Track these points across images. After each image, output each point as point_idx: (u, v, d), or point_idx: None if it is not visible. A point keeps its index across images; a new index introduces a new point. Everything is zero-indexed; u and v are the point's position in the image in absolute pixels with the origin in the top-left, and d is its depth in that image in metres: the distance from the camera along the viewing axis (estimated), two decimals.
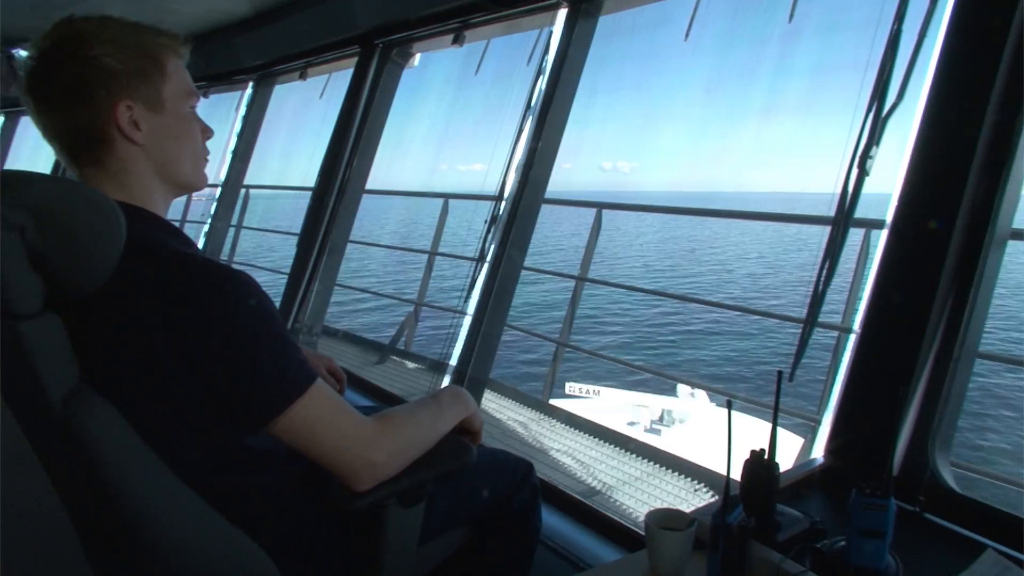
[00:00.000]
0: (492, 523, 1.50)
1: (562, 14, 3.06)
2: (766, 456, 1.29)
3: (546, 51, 3.11)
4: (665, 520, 1.23)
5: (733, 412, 1.25)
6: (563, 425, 3.80)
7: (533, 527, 1.57)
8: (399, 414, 1.22)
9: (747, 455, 1.29)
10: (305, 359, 1.10)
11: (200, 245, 5.34)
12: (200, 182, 1.28)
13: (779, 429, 1.33)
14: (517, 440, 3.62)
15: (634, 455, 3.48)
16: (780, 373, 1.26)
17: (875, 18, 1.98)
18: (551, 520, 2.10)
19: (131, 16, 1.16)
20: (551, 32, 3.12)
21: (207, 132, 1.27)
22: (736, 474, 1.24)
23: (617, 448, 3.57)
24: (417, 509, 1.26)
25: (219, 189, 5.47)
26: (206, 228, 5.57)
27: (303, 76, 4.88)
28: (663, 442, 5.41)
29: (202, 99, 5.60)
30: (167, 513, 1.02)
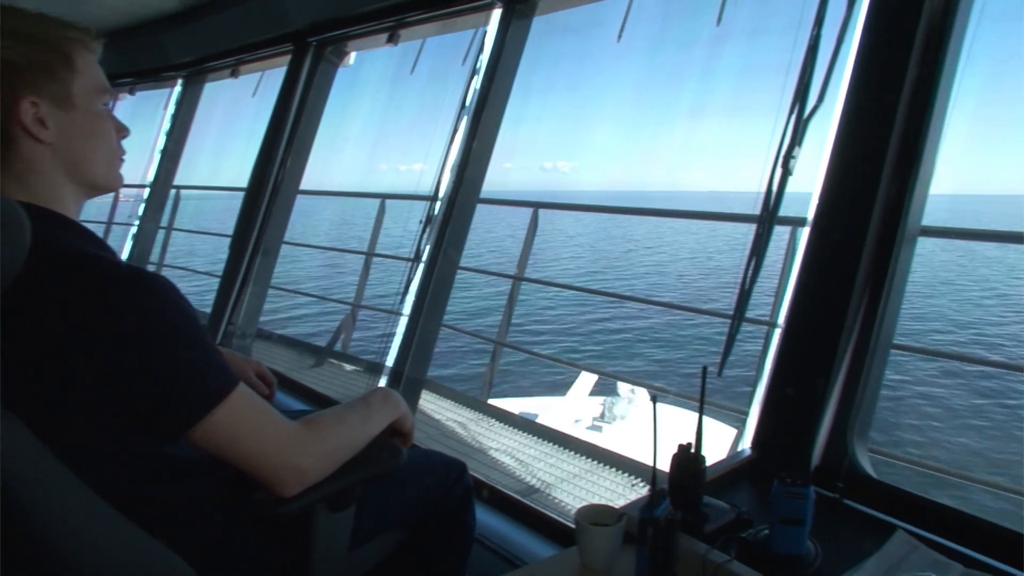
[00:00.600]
0: (425, 524, 1.49)
1: (496, 14, 3.06)
2: (693, 450, 1.31)
3: (481, 50, 3.11)
4: (595, 516, 1.24)
5: (670, 407, 1.28)
6: (502, 424, 3.81)
7: (467, 527, 1.56)
8: (326, 418, 1.20)
9: (675, 449, 1.31)
10: (225, 363, 1.07)
11: (127, 248, 5.15)
12: (115, 182, 1.23)
13: (718, 422, 1.35)
14: (456, 440, 3.61)
15: (573, 452, 3.51)
16: (705, 368, 1.29)
17: (796, 23, 2.04)
18: (488, 519, 2.11)
19: (51, 9, 1.10)
20: (486, 32, 3.12)
21: (122, 131, 1.22)
22: (667, 468, 1.26)
23: (556, 446, 3.60)
24: (347, 513, 1.24)
25: (147, 190, 5.28)
26: (133, 230, 5.37)
27: (235, 74, 4.77)
28: (604, 438, 5.48)
29: (128, 96, 5.41)
30: (81, 529, 0.98)
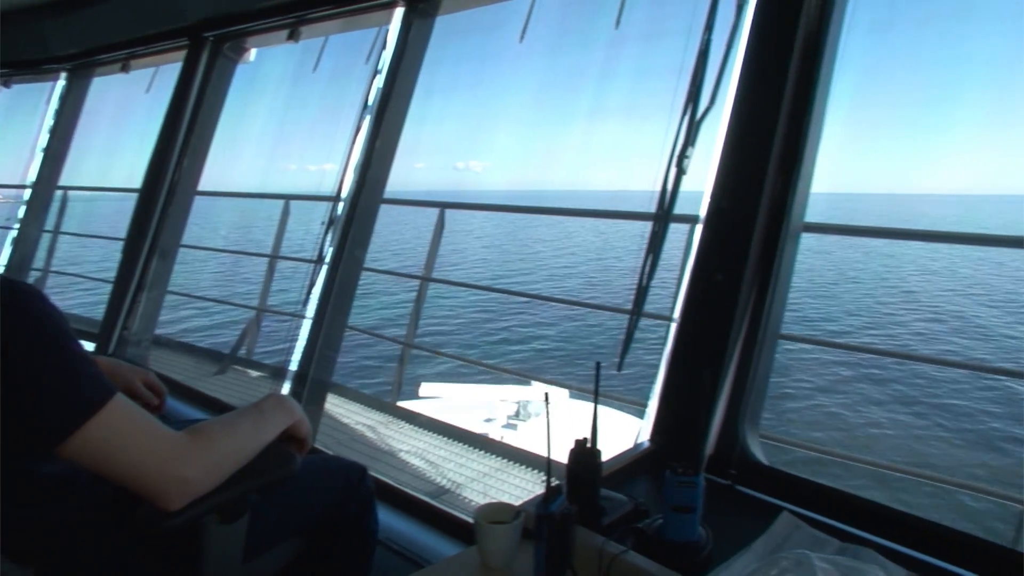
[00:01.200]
0: (326, 531, 1.46)
1: (399, 12, 3.03)
2: (589, 444, 1.33)
3: (383, 49, 3.07)
4: (493, 514, 1.25)
5: (582, 402, 1.30)
6: (412, 426, 3.77)
7: (369, 531, 1.54)
8: (214, 426, 1.16)
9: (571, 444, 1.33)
10: (99, 374, 1.01)
11: (6, 253, 4.80)
12: None
13: (629, 416, 1.38)
14: (365, 444, 3.56)
15: (484, 451, 3.52)
16: (598, 364, 1.32)
17: (688, 28, 2.11)
18: (394, 522, 2.08)
19: None
20: (388, 30, 3.09)
21: None
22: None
23: (467, 446, 3.59)
24: (239, 524, 1.20)
25: (28, 191, 4.94)
26: (13, 234, 5.01)
27: (125, 68, 4.52)
28: (519, 436, 5.51)
29: (3, 89, 5.04)
30: None
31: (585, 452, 1.32)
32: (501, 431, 6.31)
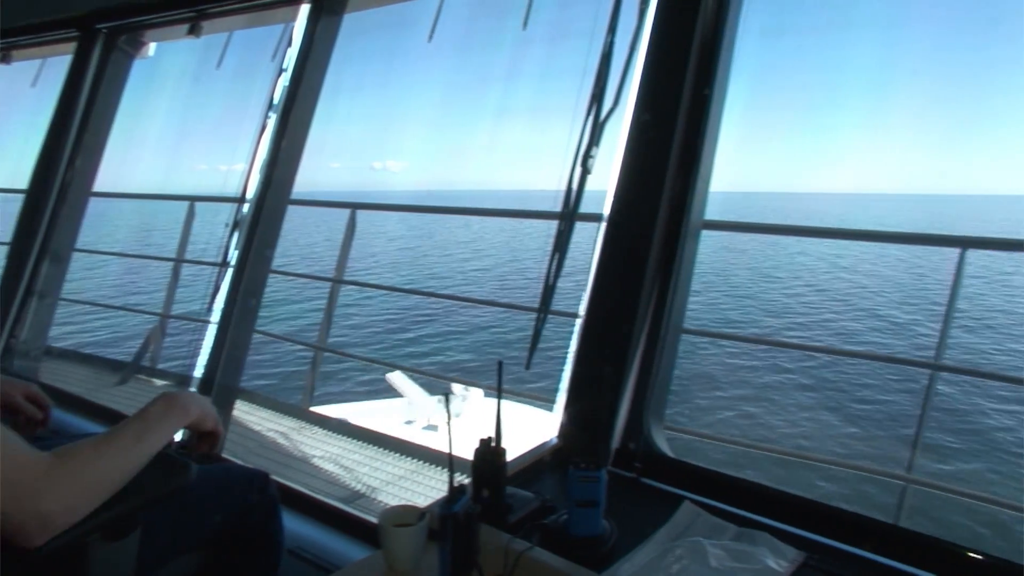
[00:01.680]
0: (227, 543, 1.41)
1: (305, 9, 2.96)
2: (494, 443, 1.34)
3: (289, 46, 2.99)
4: (398, 517, 1.23)
5: (495, 401, 1.30)
6: (325, 431, 3.70)
7: (274, 540, 1.50)
8: (85, 446, 1.04)
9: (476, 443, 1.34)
10: None
11: None
12: None
13: (545, 412, 1.39)
14: (276, 451, 3.46)
15: (400, 454, 3.48)
16: (500, 363, 1.33)
17: (591, 30, 2.15)
18: (304, 529, 2.03)
19: None
20: (294, 27, 3.01)
21: None
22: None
23: (383, 449, 3.55)
24: (128, 541, 1.13)
25: None
26: None
27: (6, 59, 4.23)
28: (441, 437, 5.48)
29: None
30: None
31: (489, 451, 1.33)
32: (422, 433, 6.27)
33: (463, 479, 1.26)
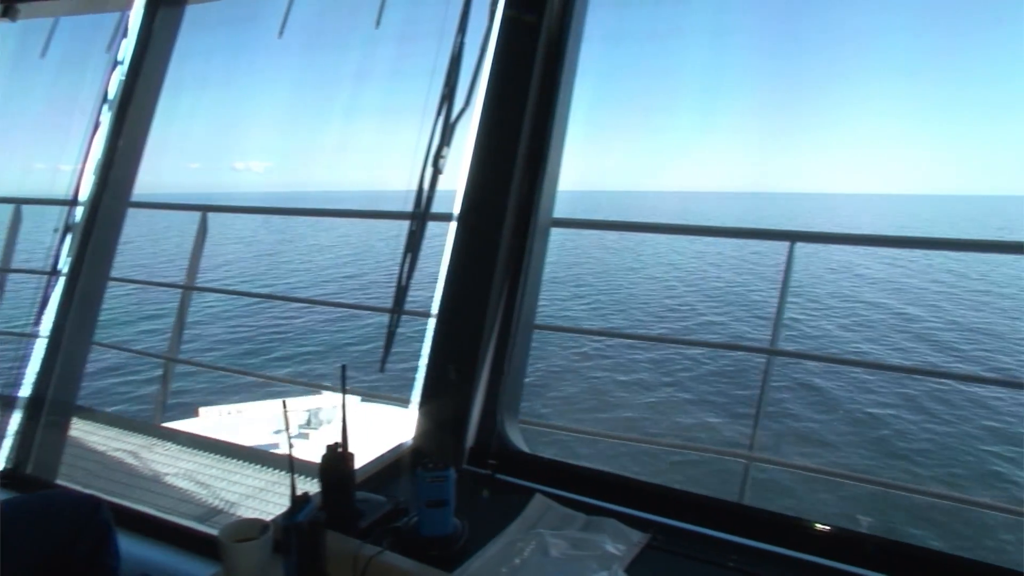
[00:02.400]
0: (55, 574, 1.30)
1: None
2: (341, 448, 1.31)
3: (124, 37, 2.79)
4: (239, 532, 1.18)
5: (370, 406, 1.27)
6: (179, 447, 3.48)
7: (106, 568, 1.40)
8: None
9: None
10: None
11: None
12: None
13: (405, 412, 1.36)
14: (122, 471, 3.22)
15: (261, 465, 3.34)
16: (344, 367, 1.31)
17: (440, 30, 2.15)
18: (151, 553, 1.90)
19: None
20: (129, 15, 2.82)
21: None
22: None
23: (243, 462, 3.39)
24: None
25: None
26: None
27: None
28: (310, 446, 5.31)
29: None
30: None
31: (337, 457, 1.30)
32: (291, 442, 6.03)
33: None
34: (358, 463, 1.68)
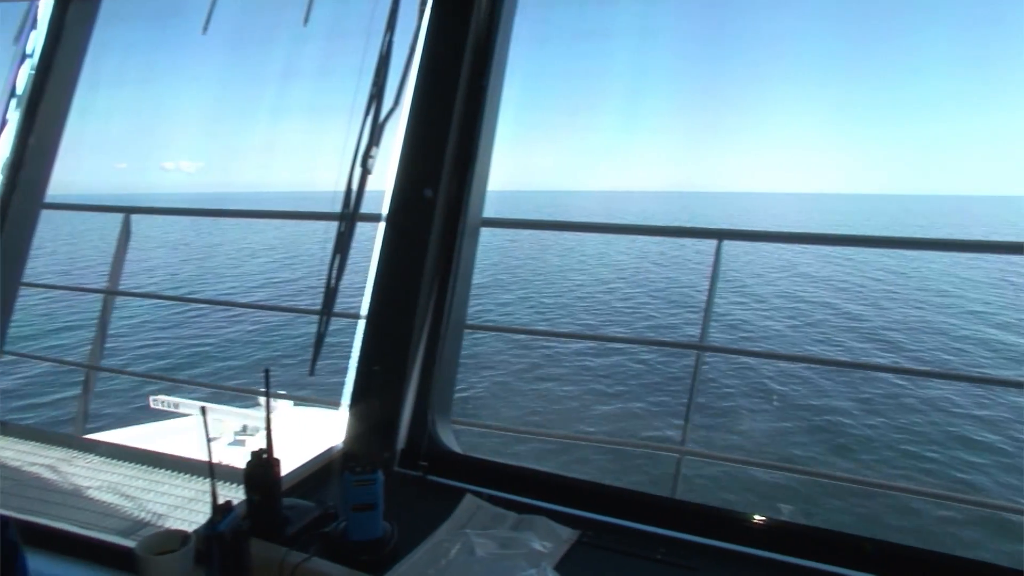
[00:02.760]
0: None
1: None
2: (266, 455, 1.28)
3: (33, 28, 2.66)
4: (159, 544, 1.14)
5: (306, 410, 1.24)
6: (103, 459, 3.33)
7: None
8: None
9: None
10: None
11: None
12: None
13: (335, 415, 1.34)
14: (38, 487, 3.06)
15: (192, 475, 3.23)
16: (267, 371, 1.28)
17: (367, 28, 2.12)
18: (69, 571, 1.83)
19: None
20: (39, 7, 2.69)
21: None
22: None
23: (173, 472, 3.27)
24: None
25: None
26: None
27: None
28: (246, 453, 5.17)
29: None
30: None
31: (261, 463, 1.27)
32: (227, 449, 5.91)
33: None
34: (288, 468, 1.64)
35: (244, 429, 6.80)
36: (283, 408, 7.42)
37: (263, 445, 1.33)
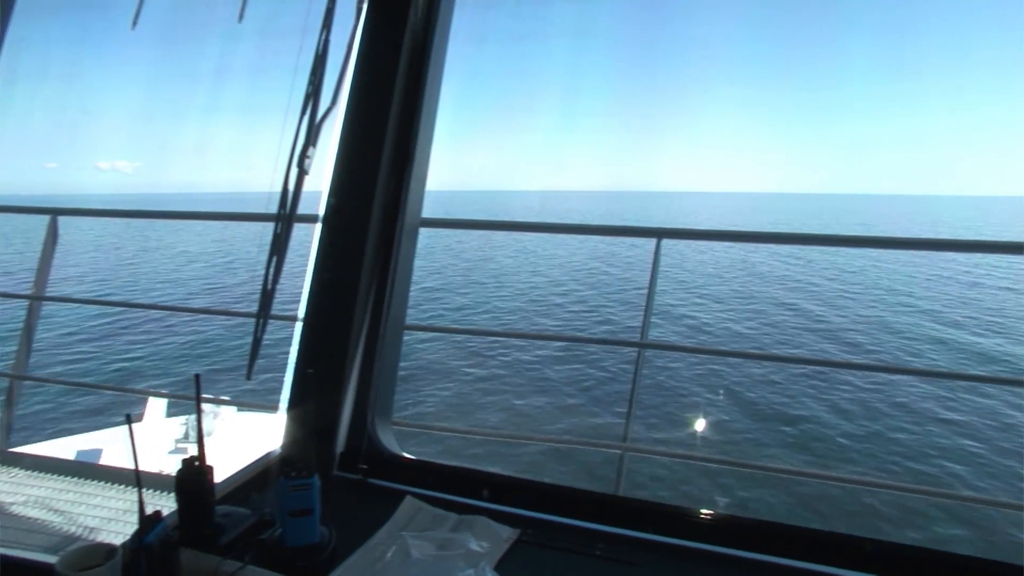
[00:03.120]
0: None
1: None
2: (198, 462, 1.25)
3: None
4: (82, 559, 1.10)
5: (247, 415, 1.21)
6: (29, 473, 3.19)
7: None
8: None
9: (180, 465, 1.24)
10: None
11: None
12: None
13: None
14: None
15: (127, 485, 3.12)
16: (198, 376, 1.24)
17: (303, 26, 2.09)
18: None
19: None
20: None
21: None
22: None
23: (106, 483, 3.15)
24: None
25: None
26: None
27: None
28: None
29: None
30: None
31: (193, 471, 1.23)
32: (168, 457, 5.75)
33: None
34: (226, 474, 1.61)
35: (186, 436, 6.63)
36: (227, 414, 7.26)
37: (208, 451, 1.30)
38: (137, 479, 1.10)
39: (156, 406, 6.78)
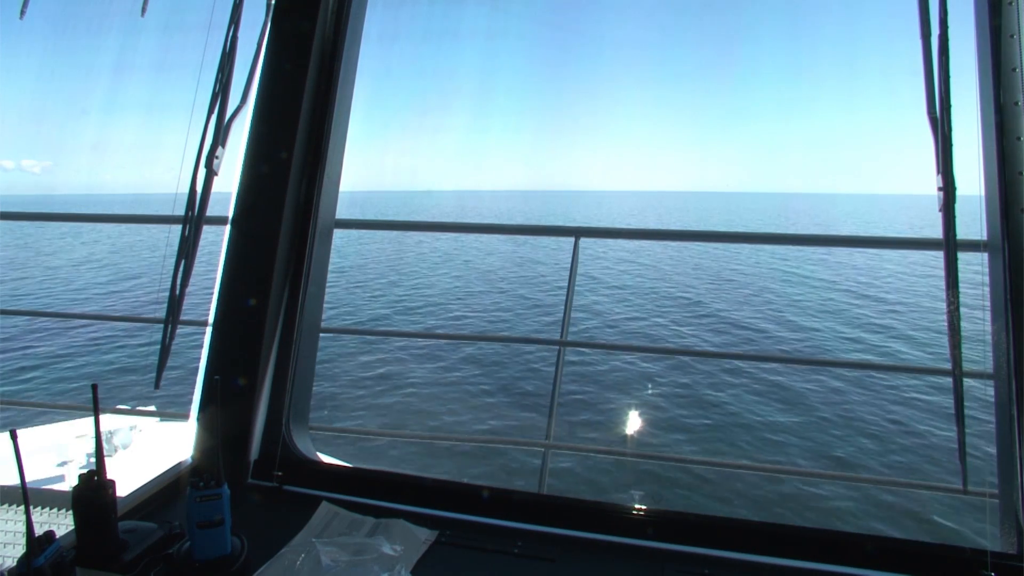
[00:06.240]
0: None
1: None
2: (97, 477, 1.19)
3: None
4: None
5: (168, 425, 1.15)
6: None
7: None
8: None
9: (77, 481, 1.18)
10: None
11: None
12: None
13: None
14: None
15: (30, 505, 2.91)
16: (95, 387, 1.19)
17: (208, 23, 2.01)
18: None
19: None
20: None
21: None
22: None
23: (4, 504, 2.94)
24: None
25: None
26: None
27: None
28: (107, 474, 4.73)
29: None
30: None
31: (91, 486, 1.18)
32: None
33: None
34: (133, 487, 1.54)
35: (115, 450, 6.30)
36: (143, 424, 6.93)
37: (123, 465, 1.24)
38: (24, 497, 1.05)
39: (68, 421, 6.43)
